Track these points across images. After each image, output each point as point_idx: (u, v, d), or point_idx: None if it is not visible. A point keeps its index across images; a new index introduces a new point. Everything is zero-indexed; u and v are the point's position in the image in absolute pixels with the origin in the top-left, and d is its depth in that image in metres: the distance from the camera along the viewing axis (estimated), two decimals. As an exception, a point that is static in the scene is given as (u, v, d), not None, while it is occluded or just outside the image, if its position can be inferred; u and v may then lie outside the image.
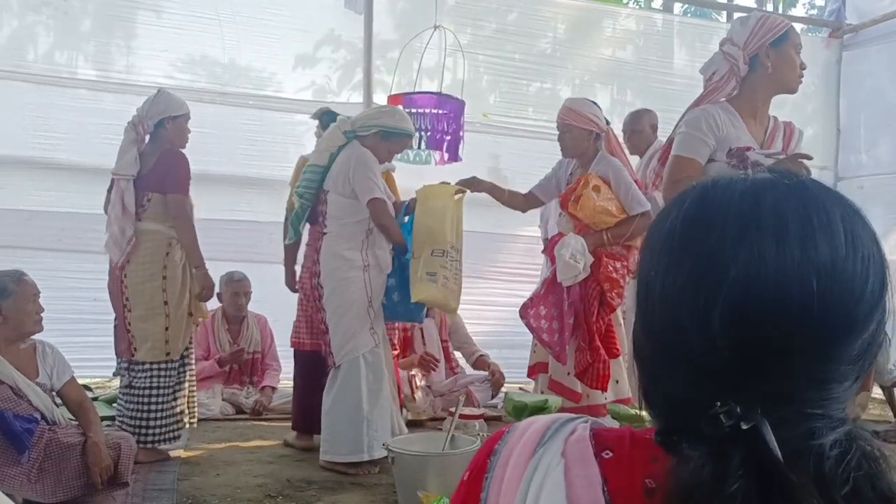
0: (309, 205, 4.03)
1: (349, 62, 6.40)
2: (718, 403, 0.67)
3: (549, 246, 4.37)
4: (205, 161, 4.57)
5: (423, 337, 5.38)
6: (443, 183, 4.32)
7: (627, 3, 9.87)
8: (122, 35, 5.87)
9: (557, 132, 4.30)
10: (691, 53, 7.23)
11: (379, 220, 3.85)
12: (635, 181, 4.29)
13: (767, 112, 3.04)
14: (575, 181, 4.26)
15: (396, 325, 4.61)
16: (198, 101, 5.66)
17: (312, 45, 6.23)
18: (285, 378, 5.29)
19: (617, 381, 4.24)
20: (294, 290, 4.42)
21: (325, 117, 4.54)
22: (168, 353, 4.00)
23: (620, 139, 5.34)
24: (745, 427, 0.65)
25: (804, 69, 2.97)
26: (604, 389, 4.14)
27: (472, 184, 4.35)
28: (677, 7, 11.89)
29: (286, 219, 4.55)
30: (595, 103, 4.38)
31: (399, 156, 4.29)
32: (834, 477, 0.67)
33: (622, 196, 4.16)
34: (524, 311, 4.27)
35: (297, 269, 4.36)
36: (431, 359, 5.28)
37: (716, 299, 0.69)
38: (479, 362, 5.65)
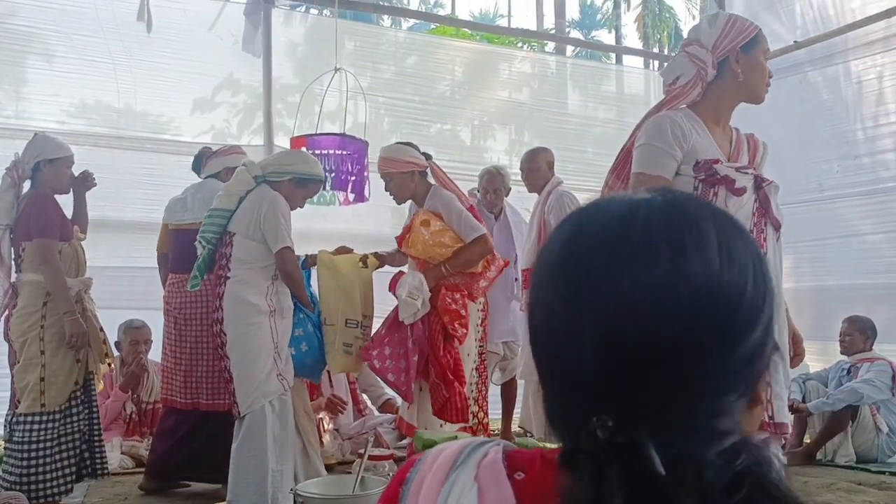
0: (214, 249, 3.90)
1: (249, 105, 6.37)
2: (595, 418, 0.68)
3: (391, 284, 4.31)
4: (101, 206, 4.45)
5: (329, 380, 5.32)
6: (342, 248, 4.40)
7: (522, 46, 10.16)
8: (11, 80, 5.71)
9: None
10: (584, 94, 7.50)
11: (285, 269, 3.80)
12: (470, 207, 4.28)
13: (730, 121, 2.75)
14: (410, 221, 4.29)
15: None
16: (93, 146, 5.55)
17: (211, 89, 6.18)
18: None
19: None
20: None
21: (195, 163, 4.55)
22: (43, 405, 3.78)
23: (519, 176, 5.50)
24: (619, 440, 0.66)
25: (772, 77, 2.71)
26: (466, 421, 4.09)
27: (378, 258, 4.43)
28: (569, 50, 12.29)
29: (158, 259, 4.61)
30: (410, 144, 4.39)
31: (303, 195, 4.27)
32: (716, 485, 0.68)
33: (455, 225, 4.15)
34: (366, 354, 4.16)
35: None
36: (339, 401, 5.22)
37: (586, 317, 0.71)
38: (386, 405, 5.63)
